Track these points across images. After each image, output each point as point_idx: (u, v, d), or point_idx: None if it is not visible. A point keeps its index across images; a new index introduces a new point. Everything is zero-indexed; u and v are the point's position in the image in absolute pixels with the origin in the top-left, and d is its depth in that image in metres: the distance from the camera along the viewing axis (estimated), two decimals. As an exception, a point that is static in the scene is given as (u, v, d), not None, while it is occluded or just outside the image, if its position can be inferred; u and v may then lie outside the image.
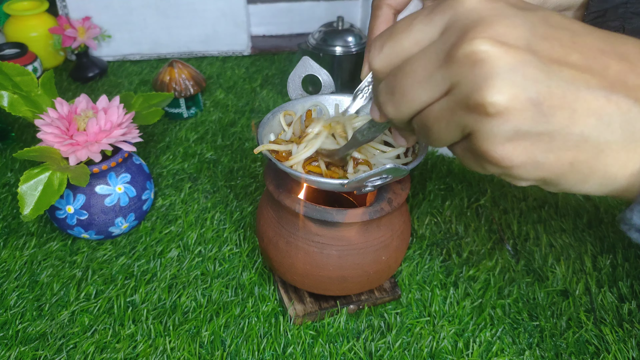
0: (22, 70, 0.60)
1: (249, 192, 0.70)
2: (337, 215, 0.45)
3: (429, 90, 0.26)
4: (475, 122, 0.25)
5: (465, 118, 0.26)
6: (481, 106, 0.24)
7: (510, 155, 0.25)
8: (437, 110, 0.27)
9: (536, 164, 0.26)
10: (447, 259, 0.61)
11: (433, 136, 0.28)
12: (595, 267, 0.60)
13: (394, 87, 0.28)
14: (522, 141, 0.25)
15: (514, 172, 0.26)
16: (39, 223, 0.64)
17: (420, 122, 0.28)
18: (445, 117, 0.27)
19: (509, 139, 0.25)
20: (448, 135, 0.27)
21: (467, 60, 0.24)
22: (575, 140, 0.25)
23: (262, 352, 0.50)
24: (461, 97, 0.25)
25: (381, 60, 0.29)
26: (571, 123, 0.24)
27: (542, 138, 0.25)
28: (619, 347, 0.51)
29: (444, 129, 0.27)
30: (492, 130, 0.25)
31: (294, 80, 0.51)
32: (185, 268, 0.59)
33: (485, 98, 0.24)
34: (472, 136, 0.26)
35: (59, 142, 0.54)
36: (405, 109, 0.28)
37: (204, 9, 1.00)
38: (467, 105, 0.25)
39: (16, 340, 0.51)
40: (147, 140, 0.79)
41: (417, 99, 0.27)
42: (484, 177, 0.74)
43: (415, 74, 0.27)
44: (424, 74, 0.26)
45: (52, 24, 0.96)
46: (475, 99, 0.24)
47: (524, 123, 0.24)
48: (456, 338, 0.52)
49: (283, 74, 1.00)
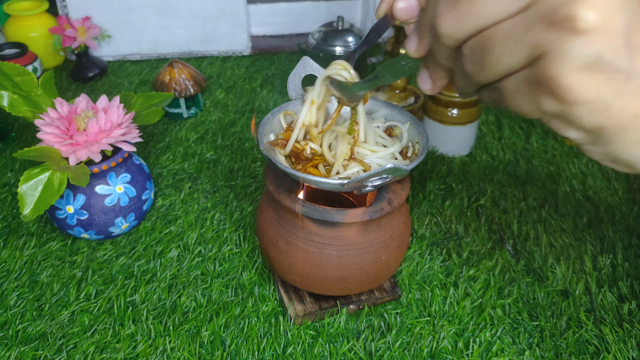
0: (22, 70, 0.60)
1: (249, 192, 0.70)
2: (337, 215, 0.45)
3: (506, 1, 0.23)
4: (555, 40, 0.22)
5: (542, 35, 0.23)
6: (569, 20, 0.22)
7: (581, 87, 0.23)
8: (508, 27, 0.24)
9: (602, 106, 0.23)
10: (447, 259, 0.61)
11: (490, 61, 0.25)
12: (595, 267, 0.60)
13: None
14: (597, 73, 0.23)
15: (574, 111, 0.24)
16: (39, 223, 0.64)
17: (480, 43, 0.25)
18: (516, 34, 0.23)
19: (585, 67, 0.22)
20: (511, 59, 0.24)
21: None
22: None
23: (262, 352, 0.50)
24: (546, 9, 0.22)
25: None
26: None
27: (618, 76, 0.23)
28: (619, 347, 0.51)
29: (510, 50, 0.24)
30: (572, 50, 0.22)
31: (294, 80, 0.51)
32: (185, 268, 0.59)
33: (576, 11, 0.21)
34: (543, 59, 0.23)
35: (59, 142, 0.54)
36: (468, 21, 0.25)
37: (204, 9, 1.00)
38: (550, 20, 0.22)
39: (16, 340, 0.51)
40: (147, 140, 0.79)
41: (488, 10, 0.24)
42: (484, 177, 0.74)
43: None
44: None
45: (52, 24, 0.96)
46: (564, 11, 0.22)
47: (607, 51, 0.22)
48: (456, 338, 0.52)
49: (283, 74, 1.00)
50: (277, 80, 0.98)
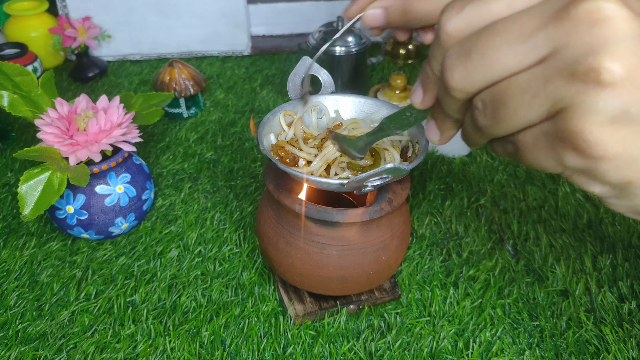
0: (22, 70, 0.60)
1: (249, 192, 0.70)
2: (337, 215, 0.45)
3: (521, 53, 0.22)
4: (578, 93, 0.21)
5: (564, 88, 0.21)
6: (594, 72, 0.20)
7: (607, 141, 0.21)
8: (525, 80, 0.22)
9: (630, 160, 0.22)
10: (447, 259, 0.61)
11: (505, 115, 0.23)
12: (595, 267, 0.60)
13: (471, 48, 0.23)
14: (625, 127, 0.21)
15: (600, 167, 0.22)
16: (39, 223, 0.64)
17: (493, 96, 0.24)
18: (534, 87, 0.22)
19: (611, 121, 0.21)
20: (529, 113, 0.23)
21: (586, 18, 0.20)
22: None
23: (262, 352, 0.50)
24: (567, 61, 0.21)
25: (458, 22, 0.24)
26: None
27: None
28: (619, 347, 0.51)
29: (527, 104, 0.22)
30: (597, 104, 0.21)
31: (294, 80, 0.51)
32: (185, 268, 0.59)
33: (601, 63, 0.20)
34: (565, 113, 0.22)
35: (59, 142, 0.54)
36: (479, 74, 0.23)
37: (204, 9, 1.00)
38: (572, 72, 0.21)
39: (16, 340, 0.51)
40: (147, 140, 0.79)
41: (502, 62, 0.22)
42: (484, 177, 0.74)
43: (506, 32, 0.22)
44: (519, 33, 0.22)
45: (52, 24, 0.96)
46: (588, 63, 0.20)
47: (634, 104, 0.21)
48: (456, 338, 0.52)
49: (283, 74, 1.00)
50: (277, 80, 0.98)
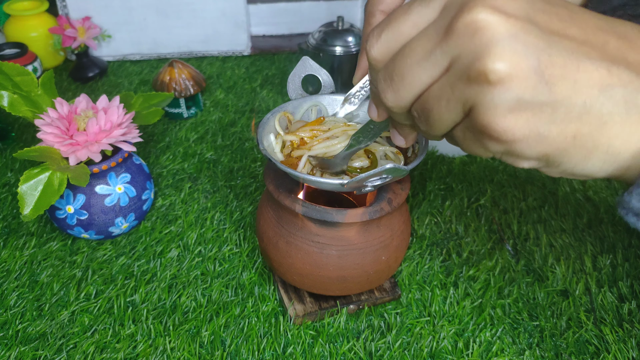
0: (22, 70, 0.60)
1: (249, 192, 0.70)
2: (337, 215, 0.45)
3: (428, 69, 0.26)
4: (477, 93, 0.25)
5: (466, 91, 0.25)
6: (482, 74, 0.24)
7: (513, 127, 0.25)
8: (438, 89, 0.26)
9: (539, 137, 0.25)
10: (447, 259, 0.61)
11: (434, 119, 0.28)
12: (595, 267, 0.60)
13: (392, 72, 0.28)
14: (524, 112, 0.25)
15: (516, 148, 0.26)
16: (39, 223, 0.64)
17: (421, 106, 0.28)
18: (445, 94, 0.26)
19: (510, 110, 0.24)
20: (449, 115, 0.27)
21: (466, 30, 0.24)
22: (577, 112, 0.24)
23: (262, 352, 0.50)
24: (462, 68, 0.25)
25: (379, 48, 0.28)
26: (573, 93, 0.24)
27: (544, 109, 0.24)
28: (619, 347, 0.51)
29: (445, 109, 0.27)
30: (494, 100, 0.24)
31: (293, 80, 0.51)
32: (185, 268, 0.59)
33: (486, 66, 0.24)
34: (474, 111, 0.25)
35: (59, 142, 0.54)
36: (405, 93, 0.28)
37: (204, 9, 1.00)
38: (468, 77, 0.25)
39: (16, 340, 0.51)
40: (147, 140, 0.79)
41: (417, 79, 0.27)
42: (484, 177, 0.74)
43: (414, 53, 0.26)
44: (423, 53, 0.26)
45: (52, 23, 0.96)
46: (476, 67, 0.24)
47: (525, 91, 0.24)
48: (456, 338, 0.52)
49: (283, 74, 1.00)
50: (277, 80, 0.98)
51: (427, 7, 0.26)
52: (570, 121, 0.25)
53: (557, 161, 0.26)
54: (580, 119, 0.25)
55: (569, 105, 0.24)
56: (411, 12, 0.27)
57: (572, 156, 0.26)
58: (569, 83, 0.24)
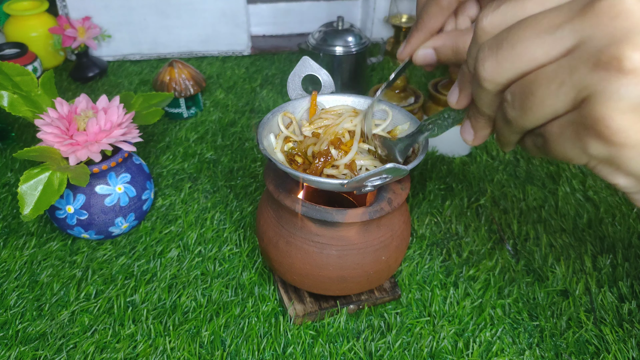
0: (22, 70, 0.60)
1: (249, 192, 0.70)
2: (337, 215, 0.45)
3: (548, 44, 0.23)
4: (601, 80, 0.22)
5: (588, 77, 0.22)
6: (616, 60, 0.21)
7: (629, 128, 0.22)
8: (552, 70, 0.23)
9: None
10: (447, 259, 0.61)
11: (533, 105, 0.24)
12: (595, 267, 0.60)
13: (502, 40, 0.25)
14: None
15: (623, 155, 0.23)
16: (39, 223, 0.64)
17: (521, 87, 0.25)
18: (560, 77, 0.23)
19: (634, 108, 0.22)
20: (555, 102, 0.24)
21: (608, 11, 0.22)
22: None
23: (262, 352, 0.50)
24: (591, 51, 0.22)
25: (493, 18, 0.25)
26: None
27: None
28: (619, 347, 0.51)
29: (553, 93, 0.24)
30: (619, 90, 0.21)
31: (294, 80, 0.51)
32: (185, 268, 0.59)
33: (623, 52, 0.21)
34: (589, 101, 0.23)
35: (59, 142, 0.54)
36: (509, 64, 0.25)
37: (204, 9, 1.00)
38: (596, 61, 0.22)
39: (16, 340, 0.51)
40: (147, 140, 0.79)
41: (529, 53, 0.24)
42: (484, 177, 0.74)
43: (537, 25, 0.24)
44: (547, 25, 0.23)
45: (52, 23, 0.96)
46: (610, 52, 0.21)
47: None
48: (456, 338, 0.52)
49: (283, 74, 1.00)
50: (277, 80, 0.98)
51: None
52: None
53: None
54: None
55: None
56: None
57: None
58: None
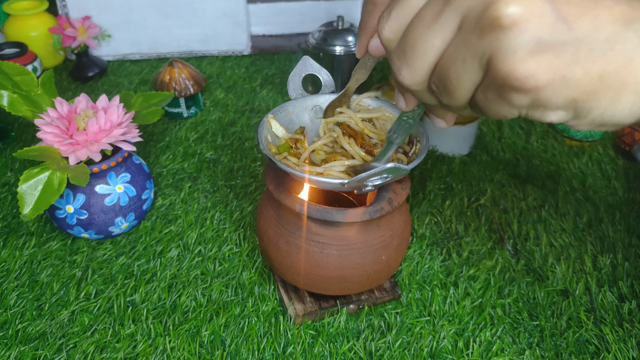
0: (22, 69, 0.60)
1: (249, 192, 0.70)
2: (337, 214, 0.45)
3: (439, 31, 0.25)
4: (492, 42, 0.24)
5: (481, 43, 0.24)
6: (495, 21, 0.23)
7: (535, 71, 0.23)
8: (452, 51, 0.25)
9: (564, 81, 0.24)
10: (447, 258, 0.61)
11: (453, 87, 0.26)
12: (595, 267, 0.60)
13: (405, 46, 0.27)
14: (544, 54, 0.23)
15: (541, 96, 0.24)
16: (38, 223, 0.64)
17: (438, 76, 0.27)
18: (460, 53, 0.25)
19: (530, 52, 0.23)
20: (468, 76, 0.26)
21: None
22: (601, 49, 0.23)
23: (262, 352, 0.50)
24: (473, 21, 0.24)
25: (390, 26, 0.27)
26: (594, 30, 0.23)
27: (565, 48, 0.23)
28: (619, 347, 0.51)
29: (462, 70, 0.25)
30: (511, 44, 0.23)
31: (294, 80, 0.51)
32: (185, 268, 0.59)
33: (497, 10, 0.23)
34: (492, 63, 0.24)
35: (59, 142, 0.54)
36: (419, 63, 0.27)
37: (204, 8, 1.00)
38: (481, 28, 0.24)
39: (16, 340, 0.51)
40: (147, 140, 0.79)
41: (429, 46, 0.26)
42: (484, 177, 0.74)
43: (423, 21, 0.26)
44: (432, 17, 0.25)
45: (52, 23, 0.96)
46: (487, 16, 0.23)
47: (543, 31, 0.23)
48: (456, 338, 0.52)
49: (283, 74, 1.00)
50: (277, 80, 0.98)
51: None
52: (595, 60, 0.23)
53: (585, 107, 0.25)
54: (605, 57, 0.23)
55: (591, 42, 0.23)
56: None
57: (600, 99, 0.25)
58: (589, 19, 0.23)
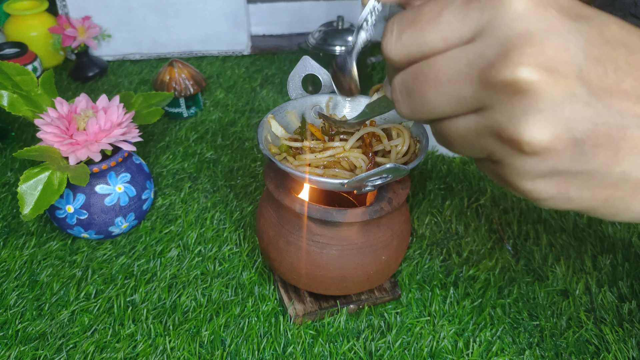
0: (22, 69, 0.60)
1: (249, 192, 0.70)
2: (337, 214, 0.45)
3: (453, 105, 0.23)
4: (506, 154, 0.22)
5: (494, 146, 0.23)
6: (516, 142, 0.21)
7: (540, 190, 0.23)
8: (462, 128, 0.24)
9: (567, 199, 0.24)
10: (447, 258, 0.61)
11: (453, 148, 0.25)
12: (595, 267, 0.60)
13: (412, 89, 0.24)
14: (556, 178, 0.23)
15: (541, 203, 0.24)
16: (38, 222, 0.64)
17: (440, 130, 0.25)
18: (470, 136, 0.24)
19: (541, 177, 0.23)
20: (471, 153, 0.25)
21: (507, 88, 0.21)
22: (614, 179, 0.22)
23: (262, 352, 0.50)
24: (493, 124, 0.22)
25: (398, 50, 0.24)
26: (613, 162, 0.22)
27: (578, 176, 0.23)
28: (619, 347, 0.51)
29: (467, 147, 0.24)
30: (524, 167, 0.22)
31: (294, 80, 0.51)
32: (185, 268, 0.59)
33: (523, 135, 0.21)
34: (499, 165, 0.23)
35: (59, 142, 0.54)
36: (422, 115, 0.25)
37: (204, 8, 1.00)
38: (499, 135, 0.22)
39: (16, 340, 0.51)
40: (147, 140, 0.79)
41: (438, 109, 0.24)
42: (484, 177, 0.74)
43: (438, 83, 0.23)
44: (449, 87, 0.23)
45: (52, 23, 0.96)
46: (510, 132, 0.21)
47: (561, 163, 0.22)
48: (456, 338, 0.52)
49: (283, 74, 1.00)
50: (277, 80, 0.98)
51: (462, 22, 0.22)
52: (604, 188, 0.23)
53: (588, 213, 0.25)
54: (616, 186, 0.23)
55: (606, 173, 0.22)
56: (441, 21, 0.23)
57: (599, 213, 0.25)
58: (611, 152, 0.22)
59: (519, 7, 0.21)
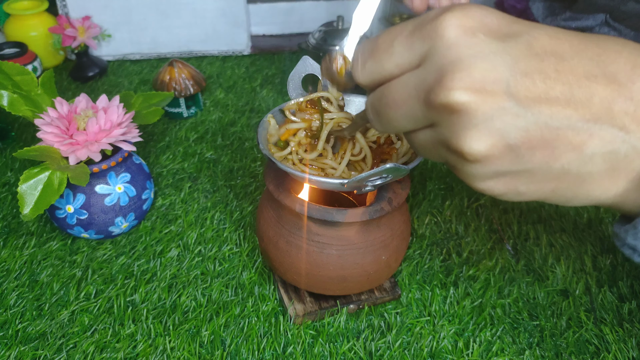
0: (22, 69, 0.60)
1: (249, 192, 0.70)
2: (337, 214, 0.45)
3: (411, 122, 0.27)
4: (457, 162, 0.26)
5: (447, 155, 0.27)
6: (460, 153, 0.25)
7: (492, 189, 0.27)
8: (422, 140, 0.28)
9: (518, 193, 0.27)
10: (447, 258, 0.61)
11: (421, 155, 0.30)
12: (595, 267, 0.60)
13: (378, 110, 0.28)
14: (502, 178, 0.26)
15: (498, 198, 0.28)
16: (38, 222, 0.64)
17: (409, 140, 0.30)
18: (429, 147, 0.28)
19: (490, 178, 0.26)
20: (434, 159, 0.29)
21: (445, 109, 0.24)
22: (555, 174, 0.25)
23: (262, 352, 0.50)
24: (442, 138, 0.26)
25: (365, 76, 0.29)
26: (551, 160, 0.25)
27: (522, 174, 0.26)
28: (619, 347, 0.51)
29: (430, 155, 0.29)
30: (473, 172, 0.26)
31: (294, 80, 0.51)
32: (185, 268, 0.59)
33: (464, 147, 0.25)
34: (456, 170, 0.27)
35: (59, 142, 0.54)
36: (391, 130, 0.29)
37: (204, 8, 1.00)
38: (448, 147, 0.26)
39: (16, 340, 0.51)
40: (147, 140, 0.79)
41: (400, 126, 0.28)
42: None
43: (395, 104, 0.27)
44: (404, 107, 0.27)
45: (52, 23, 0.96)
46: (454, 145, 0.25)
47: (503, 166, 0.25)
48: (456, 338, 0.52)
49: (283, 74, 1.00)
50: (277, 80, 0.98)
51: (409, 51, 0.26)
52: (549, 181, 0.26)
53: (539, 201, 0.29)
54: (559, 179, 0.26)
55: (546, 169, 0.25)
56: (394, 51, 0.26)
57: (552, 201, 0.28)
58: (547, 151, 0.24)
59: (451, 36, 0.24)
